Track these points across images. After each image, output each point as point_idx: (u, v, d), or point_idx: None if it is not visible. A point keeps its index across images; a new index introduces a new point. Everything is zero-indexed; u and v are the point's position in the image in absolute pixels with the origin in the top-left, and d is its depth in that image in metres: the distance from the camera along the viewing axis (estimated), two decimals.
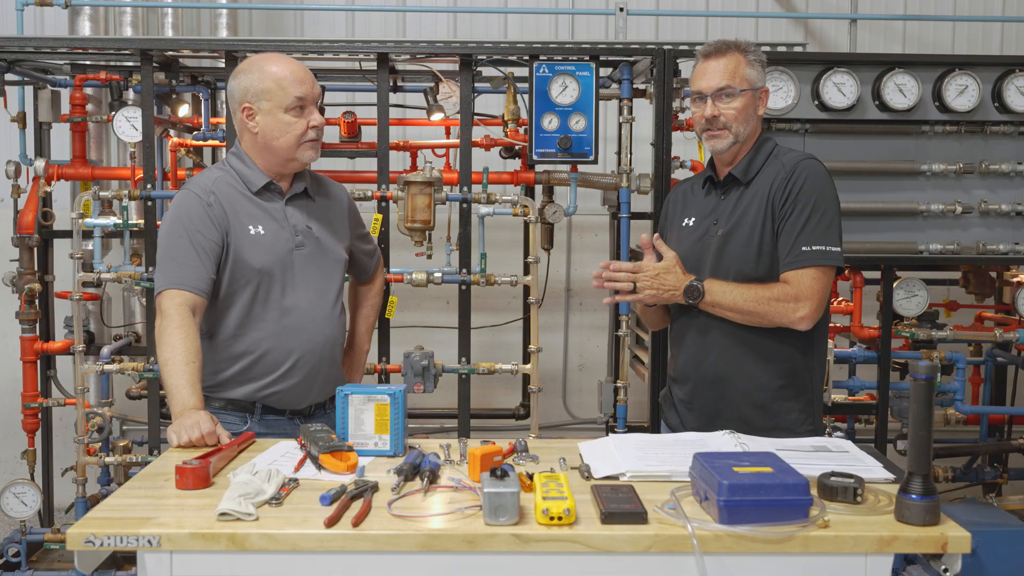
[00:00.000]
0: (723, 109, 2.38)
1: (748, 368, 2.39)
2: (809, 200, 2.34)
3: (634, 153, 3.41)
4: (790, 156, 2.43)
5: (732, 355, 2.40)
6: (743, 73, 2.39)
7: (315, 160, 2.49)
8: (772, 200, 2.36)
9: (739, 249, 2.38)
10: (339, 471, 1.87)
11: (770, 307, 2.30)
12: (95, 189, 3.30)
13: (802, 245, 2.32)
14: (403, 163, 4.15)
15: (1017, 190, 3.30)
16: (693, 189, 2.59)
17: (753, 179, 2.42)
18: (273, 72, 2.41)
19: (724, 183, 2.46)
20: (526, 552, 1.57)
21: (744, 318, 2.34)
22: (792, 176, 2.36)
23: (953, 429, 3.95)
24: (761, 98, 2.44)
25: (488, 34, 4.96)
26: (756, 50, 2.44)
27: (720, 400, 2.42)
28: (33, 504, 3.60)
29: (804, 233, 2.32)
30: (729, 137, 2.39)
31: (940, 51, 5.10)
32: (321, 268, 2.51)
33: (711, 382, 2.43)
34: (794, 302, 2.30)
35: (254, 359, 2.44)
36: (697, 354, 2.45)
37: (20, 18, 4.12)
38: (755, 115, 2.43)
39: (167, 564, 1.59)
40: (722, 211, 2.44)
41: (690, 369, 2.47)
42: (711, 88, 2.38)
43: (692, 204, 2.54)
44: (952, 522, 1.63)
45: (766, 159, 2.43)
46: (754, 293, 2.32)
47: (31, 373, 3.65)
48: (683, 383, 2.50)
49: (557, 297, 5.01)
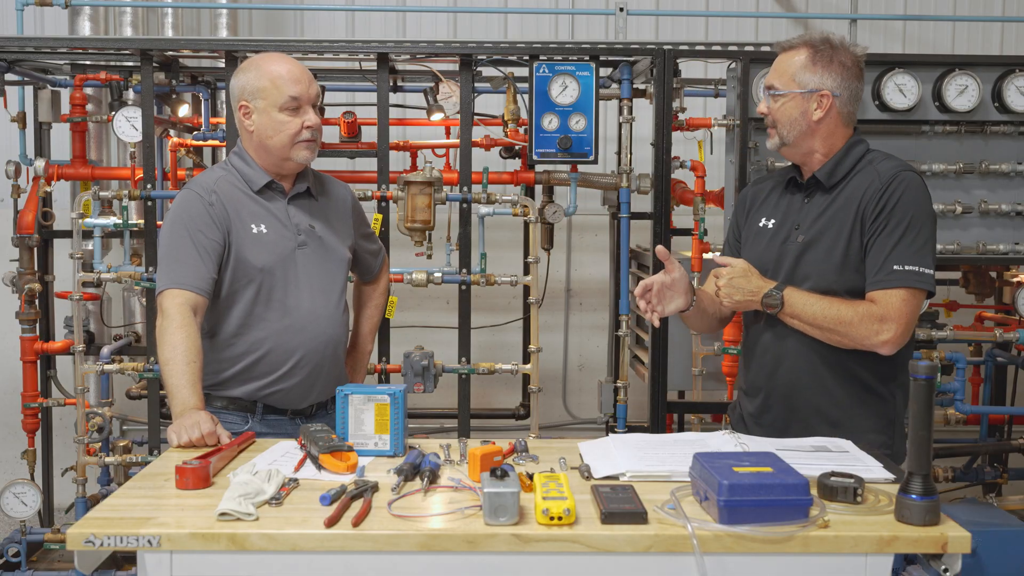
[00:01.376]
0: (771, 107, 2.29)
1: (824, 381, 2.25)
2: (905, 216, 2.16)
3: (634, 153, 3.41)
4: (887, 164, 2.25)
5: (807, 367, 2.26)
6: (793, 72, 2.25)
7: (311, 160, 2.48)
8: (863, 211, 2.20)
9: (820, 259, 2.23)
10: (339, 471, 1.87)
11: (852, 327, 2.15)
12: (95, 189, 3.30)
13: (894, 264, 2.15)
14: (403, 163, 4.15)
15: (1017, 190, 3.29)
16: (772, 188, 2.43)
17: (840, 184, 2.26)
18: (270, 71, 2.40)
19: (807, 186, 2.32)
20: (526, 552, 1.57)
21: (823, 334, 2.19)
22: (889, 187, 2.18)
23: (953, 429, 3.94)
24: (820, 101, 2.23)
25: (488, 34, 4.96)
26: (834, 50, 2.25)
27: (791, 414, 2.29)
28: (33, 504, 3.60)
29: (897, 251, 2.15)
30: (775, 138, 2.30)
31: (940, 51, 5.11)
32: (324, 267, 2.51)
33: (782, 395, 2.30)
34: (879, 323, 2.13)
35: (256, 358, 2.44)
36: (769, 364, 2.32)
37: (20, 18, 4.12)
38: (804, 118, 2.24)
39: (167, 564, 1.59)
40: (805, 216, 2.29)
41: (761, 380, 2.34)
42: (766, 84, 2.33)
43: (771, 204, 2.40)
44: (952, 522, 1.63)
45: (855, 164, 2.27)
46: (837, 309, 2.16)
47: (31, 373, 3.65)
48: (753, 395, 2.37)
49: (557, 297, 5.01)
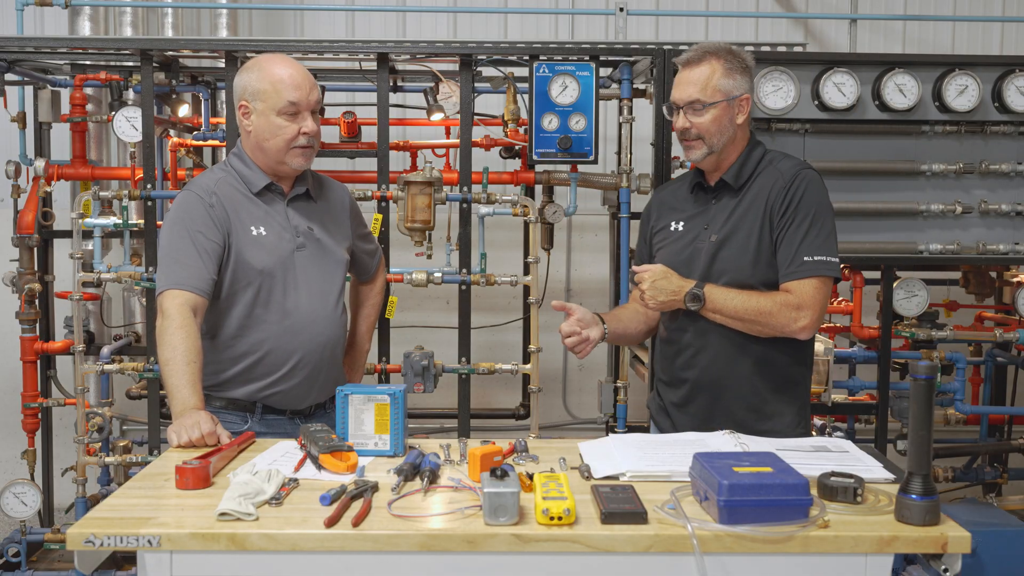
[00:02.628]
0: (694, 121, 2.36)
1: (744, 371, 2.39)
2: (810, 210, 2.32)
3: (634, 153, 3.41)
4: (787, 163, 2.41)
5: (728, 358, 2.38)
6: (715, 84, 2.35)
7: (305, 167, 2.48)
8: (771, 208, 2.34)
9: (734, 256, 2.36)
10: (339, 471, 1.87)
11: (772, 317, 2.29)
12: (95, 189, 3.30)
13: (804, 255, 2.31)
14: (403, 163, 4.15)
15: (1017, 190, 3.30)
16: (677, 193, 2.56)
17: (745, 184, 2.40)
18: (272, 73, 2.40)
19: (716, 188, 2.44)
20: (526, 552, 1.57)
21: (744, 326, 2.32)
22: (792, 185, 2.34)
23: (953, 429, 3.95)
24: (742, 105, 2.39)
25: (488, 34, 4.96)
26: (737, 56, 2.39)
27: (715, 402, 2.41)
28: (33, 504, 3.60)
29: (805, 243, 2.31)
30: (703, 148, 2.38)
31: (940, 51, 5.10)
32: (322, 269, 2.51)
33: (707, 385, 2.42)
34: (796, 311, 2.28)
35: (256, 359, 2.44)
36: (693, 357, 2.43)
37: (20, 18, 4.12)
38: (732, 124, 2.38)
39: (167, 564, 1.59)
40: (713, 216, 2.42)
41: (685, 372, 2.45)
42: (682, 100, 2.38)
43: (679, 208, 2.51)
44: (952, 522, 1.63)
45: (757, 164, 2.41)
46: (756, 302, 2.30)
47: (31, 373, 3.66)
48: (676, 386, 2.48)
49: (557, 297, 4.98)
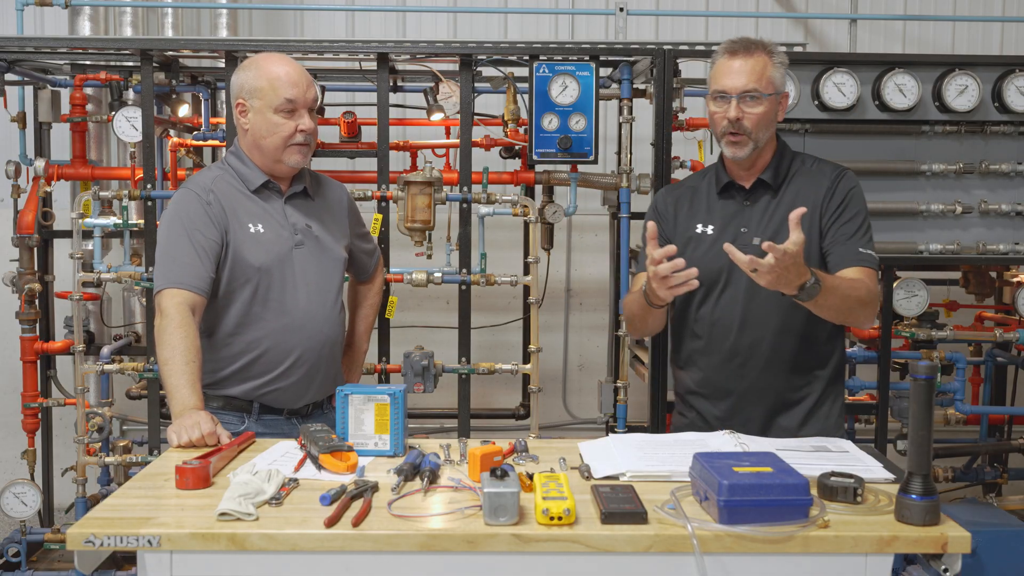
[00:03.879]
0: (748, 112, 2.24)
1: (795, 379, 2.33)
2: (857, 208, 2.30)
3: (634, 153, 3.41)
4: (825, 165, 2.38)
5: (779, 364, 2.31)
6: (769, 76, 2.26)
7: (302, 165, 2.48)
8: (819, 204, 2.29)
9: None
10: (339, 471, 1.87)
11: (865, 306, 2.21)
12: (95, 189, 3.30)
13: (859, 247, 2.26)
14: (403, 163, 4.15)
15: (1017, 190, 3.29)
16: (696, 194, 2.44)
17: (783, 185, 2.33)
18: (268, 71, 2.40)
19: (751, 189, 2.35)
20: (526, 552, 1.57)
21: (837, 315, 2.22)
22: (840, 182, 2.31)
23: (953, 429, 3.94)
24: (783, 103, 2.33)
25: (488, 34, 4.96)
26: (780, 52, 2.32)
27: (765, 411, 2.33)
28: (33, 504, 3.60)
29: (857, 236, 2.27)
30: (750, 144, 2.27)
31: (940, 51, 5.10)
32: (320, 267, 2.51)
33: (755, 397, 2.33)
34: (874, 302, 2.26)
35: (253, 357, 2.44)
36: (742, 367, 2.33)
37: (20, 18, 4.12)
38: (774, 121, 2.32)
39: (167, 564, 1.59)
40: (750, 218, 2.33)
41: (733, 382, 2.35)
42: (737, 89, 2.23)
43: (705, 210, 2.39)
44: (952, 522, 1.63)
45: (790, 165, 2.37)
46: (854, 289, 2.18)
47: (31, 373, 3.65)
48: (719, 399, 2.37)
49: (557, 297, 5.01)
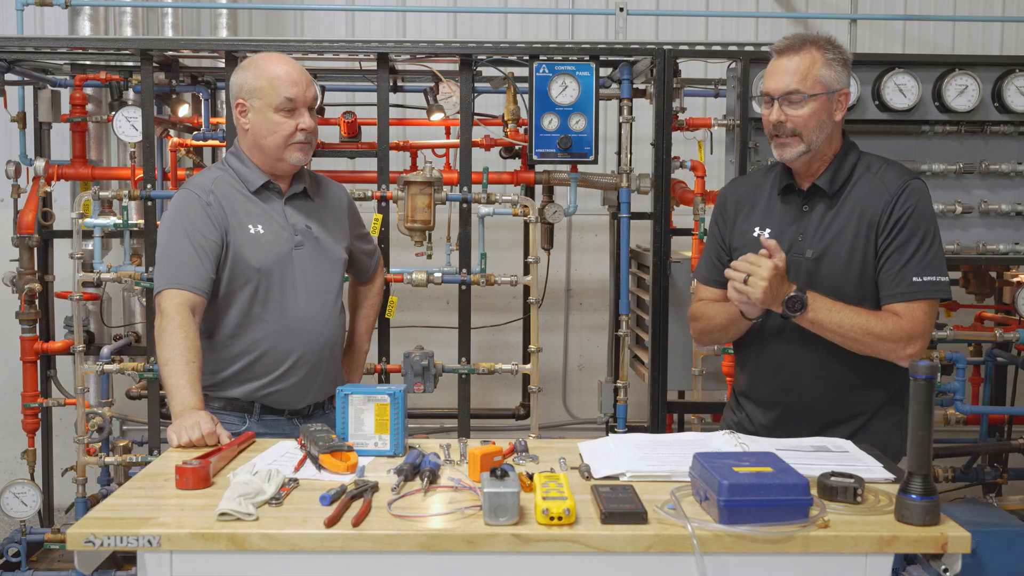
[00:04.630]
0: (790, 114, 2.17)
1: (846, 397, 2.25)
2: (918, 227, 2.16)
3: (634, 153, 3.41)
4: (891, 173, 2.23)
5: (827, 384, 2.23)
6: (817, 74, 2.16)
7: (304, 163, 2.48)
8: (875, 222, 2.18)
9: (836, 274, 2.19)
10: (339, 471, 1.87)
11: (881, 340, 2.12)
12: (95, 189, 3.30)
13: (912, 276, 2.14)
14: (403, 163, 4.15)
15: (1017, 190, 3.29)
16: (759, 192, 2.34)
17: (841, 191, 2.23)
18: (268, 71, 2.41)
19: (808, 194, 2.26)
20: (526, 552, 1.57)
21: (846, 342, 2.15)
22: (900, 198, 2.17)
23: (953, 429, 3.94)
24: (840, 101, 2.21)
25: (488, 34, 4.96)
26: (838, 47, 2.21)
27: (811, 429, 2.21)
28: (33, 504, 3.60)
29: (913, 262, 2.15)
30: (800, 146, 2.18)
31: (940, 51, 5.10)
32: (320, 268, 2.51)
33: (801, 411, 2.27)
34: (906, 340, 2.13)
35: (253, 359, 2.44)
36: (786, 380, 2.28)
37: (20, 18, 4.12)
38: (830, 120, 2.20)
39: (167, 564, 1.59)
40: (807, 227, 2.23)
41: (777, 395, 2.30)
42: (779, 90, 2.17)
43: (764, 212, 2.31)
44: (952, 522, 1.62)
45: (853, 169, 2.24)
46: (865, 320, 2.12)
47: (31, 373, 3.65)
48: (767, 408, 2.33)
49: (557, 297, 5.01)
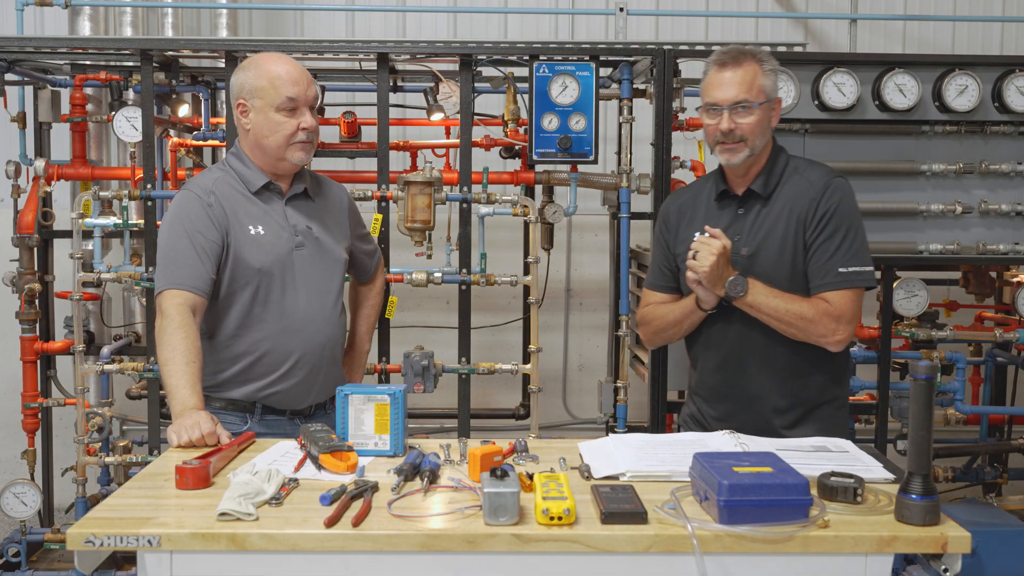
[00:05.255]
0: (740, 122, 2.29)
1: (791, 383, 2.37)
2: (843, 221, 2.30)
3: (634, 153, 3.41)
4: (815, 172, 2.38)
5: (770, 373, 2.36)
6: (760, 84, 2.31)
7: (306, 162, 2.48)
8: (804, 219, 2.31)
9: (769, 269, 2.32)
10: (339, 471, 1.87)
11: (812, 324, 2.27)
12: (95, 189, 3.30)
13: (839, 266, 2.29)
14: (403, 163, 4.15)
15: (1017, 190, 3.30)
16: (697, 201, 2.48)
17: (773, 193, 2.37)
18: (268, 71, 2.41)
19: (743, 197, 2.39)
20: (526, 552, 1.57)
21: (780, 326, 2.29)
22: (825, 195, 2.31)
23: (953, 429, 3.94)
24: (775, 108, 2.37)
25: (488, 34, 4.96)
26: (771, 58, 2.37)
27: (755, 417, 2.37)
28: (33, 504, 3.60)
29: (839, 254, 2.29)
30: (745, 151, 2.31)
31: (940, 51, 5.10)
32: (321, 268, 2.51)
33: (751, 399, 2.39)
34: (835, 322, 2.27)
35: (254, 359, 2.44)
36: (734, 373, 2.40)
37: (20, 18, 4.12)
38: (769, 127, 2.36)
39: (167, 564, 1.59)
40: (742, 228, 2.37)
41: (724, 388, 2.43)
42: (728, 100, 2.29)
43: (703, 218, 2.43)
44: (952, 522, 1.63)
45: (783, 171, 2.38)
46: (798, 306, 2.28)
47: (31, 373, 3.65)
48: (716, 401, 2.45)
49: (557, 297, 5.01)
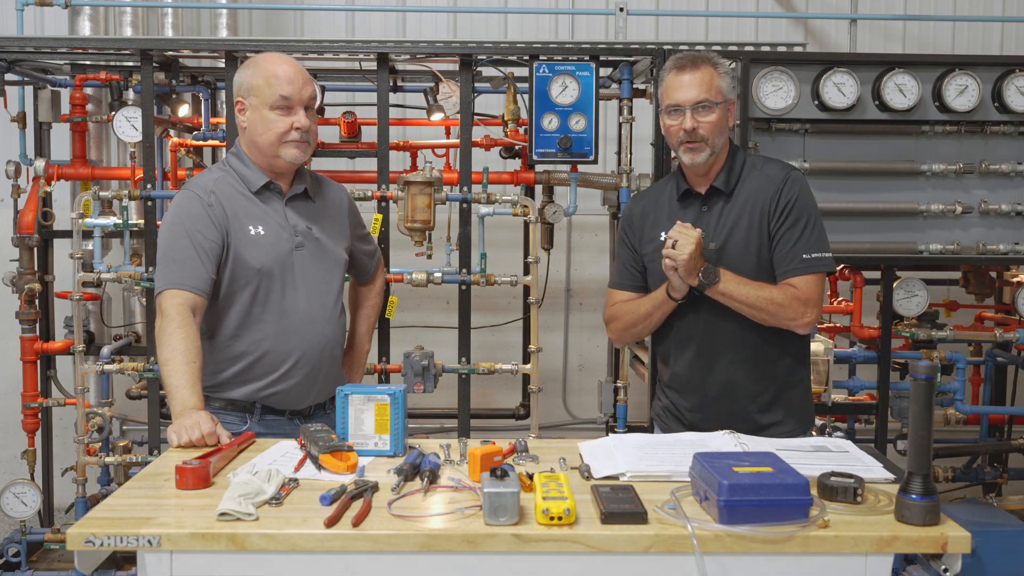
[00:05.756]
0: (702, 121, 2.39)
1: (762, 368, 2.45)
2: (803, 211, 2.42)
3: (634, 153, 3.41)
4: (773, 167, 2.49)
5: (741, 360, 2.44)
6: (717, 85, 2.41)
7: (300, 160, 2.46)
8: (766, 211, 2.42)
9: (736, 260, 2.41)
10: (339, 471, 1.87)
11: (783, 308, 2.37)
12: (95, 189, 3.30)
13: (802, 253, 2.40)
14: (403, 163, 4.15)
15: (1017, 190, 3.30)
16: (660, 202, 2.57)
17: (734, 189, 2.46)
18: (265, 69, 2.41)
19: (706, 195, 2.48)
20: (526, 552, 1.57)
21: (751, 312, 2.38)
22: (784, 187, 2.42)
23: (953, 429, 3.95)
24: (731, 110, 2.48)
25: (488, 34, 4.96)
26: (724, 62, 2.48)
27: (731, 406, 2.45)
28: (33, 504, 3.60)
29: (802, 242, 2.40)
30: (707, 150, 2.41)
31: (940, 51, 5.10)
32: (321, 269, 2.51)
33: (723, 387, 2.46)
34: (803, 306, 2.38)
35: (254, 359, 2.44)
36: (706, 364, 2.46)
37: (20, 18, 4.12)
38: (727, 126, 2.47)
39: (167, 564, 1.59)
40: (708, 224, 2.45)
41: (697, 379, 2.49)
42: (689, 101, 2.39)
43: (667, 218, 2.51)
44: (952, 522, 1.63)
45: (741, 168, 2.48)
46: (768, 292, 2.38)
47: (31, 373, 3.66)
48: (689, 393, 2.51)
49: (557, 297, 5.01)
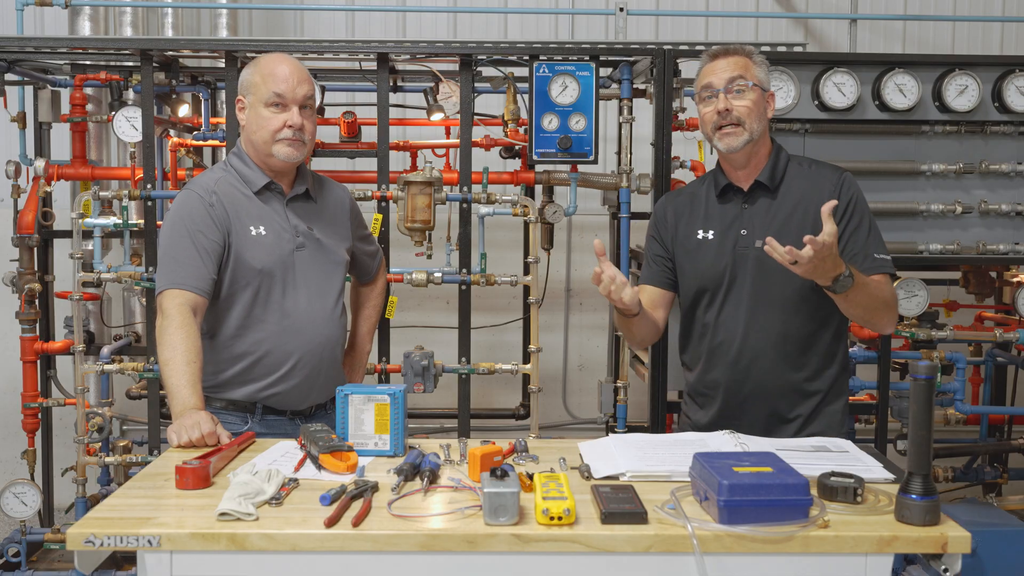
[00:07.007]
0: (736, 103, 2.28)
1: (797, 381, 2.35)
2: (864, 213, 2.34)
3: (634, 153, 3.41)
4: (824, 168, 2.40)
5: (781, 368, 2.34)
6: (753, 70, 2.33)
7: (294, 159, 2.44)
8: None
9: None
10: (339, 471, 1.87)
11: (888, 309, 2.30)
12: (95, 189, 3.30)
13: (874, 253, 2.31)
14: (403, 163, 4.15)
15: (1017, 190, 3.30)
16: (695, 199, 2.46)
17: (780, 186, 2.36)
18: (264, 68, 2.43)
19: (749, 191, 2.37)
20: (526, 552, 1.57)
21: (863, 313, 2.27)
22: (843, 186, 2.33)
23: (953, 429, 3.94)
24: (769, 102, 2.38)
25: (488, 34, 4.96)
26: (761, 54, 2.40)
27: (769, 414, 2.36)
28: (33, 504, 3.60)
29: (870, 242, 2.31)
30: (744, 134, 2.29)
31: (940, 51, 5.10)
32: (322, 269, 2.51)
33: (761, 396, 2.36)
34: (895, 305, 2.33)
35: (255, 360, 2.44)
36: (745, 369, 2.36)
37: (20, 18, 4.12)
38: (765, 116, 2.35)
39: (167, 564, 1.59)
40: (749, 220, 2.35)
41: (736, 385, 2.38)
42: (723, 80, 2.29)
43: (704, 216, 2.41)
44: (952, 522, 1.63)
45: (785, 166, 2.38)
46: (877, 291, 2.26)
47: (31, 373, 3.65)
48: (725, 399, 2.40)
49: (557, 297, 5.01)
